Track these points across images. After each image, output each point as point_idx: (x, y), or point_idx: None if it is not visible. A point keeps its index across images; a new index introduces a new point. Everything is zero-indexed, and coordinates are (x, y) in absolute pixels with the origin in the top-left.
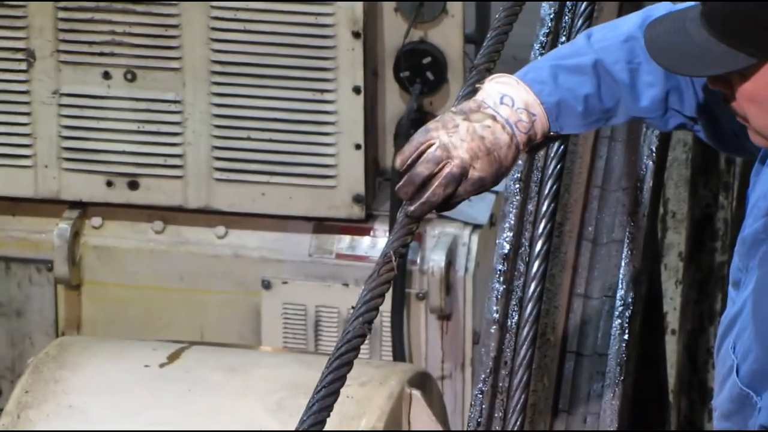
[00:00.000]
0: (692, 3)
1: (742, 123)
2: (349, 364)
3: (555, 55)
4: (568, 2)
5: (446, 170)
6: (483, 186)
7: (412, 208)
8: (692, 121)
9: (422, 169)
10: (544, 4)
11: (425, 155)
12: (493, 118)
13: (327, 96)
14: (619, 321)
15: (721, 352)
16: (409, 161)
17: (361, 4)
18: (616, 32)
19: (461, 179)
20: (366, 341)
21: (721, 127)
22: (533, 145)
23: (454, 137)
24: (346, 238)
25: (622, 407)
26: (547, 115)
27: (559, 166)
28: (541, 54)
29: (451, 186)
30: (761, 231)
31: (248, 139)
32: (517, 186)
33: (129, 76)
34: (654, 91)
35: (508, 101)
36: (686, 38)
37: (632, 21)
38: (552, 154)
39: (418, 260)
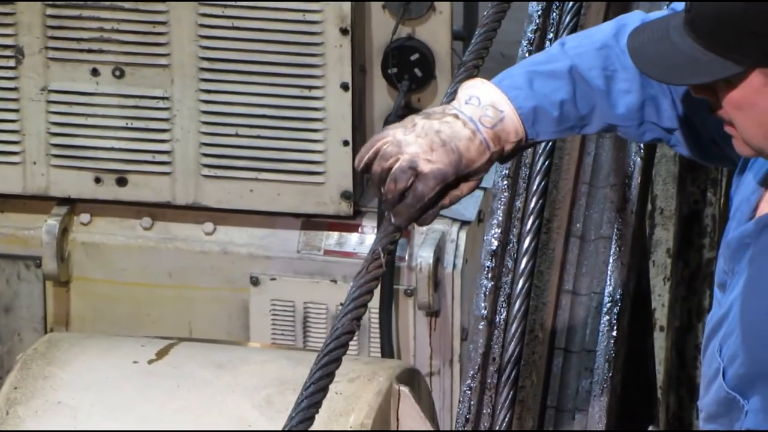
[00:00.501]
0: (667, 12)
1: (729, 131)
2: (337, 361)
3: (529, 62)
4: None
5: (395, 165)
6: (444, 178)
7: (385, 209)
8: (669, 133)
9: (375, 167)
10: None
11: (379, 153)
12: (455, 116)
13: (315, 92)
14: (608, 317)
15: (707, 354)
16: (365, 159)
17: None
18: (591, 40)
19: (412, 174)
20: (354, 338)
21: (701, 136)
22: (509, 152)
23: (409, 135)
24: (335, 235)
25: (610, 404)
26: (522, 121)
27: (547, 163)
28: (529, 51)
29: (402, 180)
30: (747, 235)
31: (236, 135)
32: (505, 182)
33: (117, 73)
34: (630, 99)
35: (474, 101)
36: (671, 47)
37: (606, 30)
38: (540, 151)
39: (407, 257)
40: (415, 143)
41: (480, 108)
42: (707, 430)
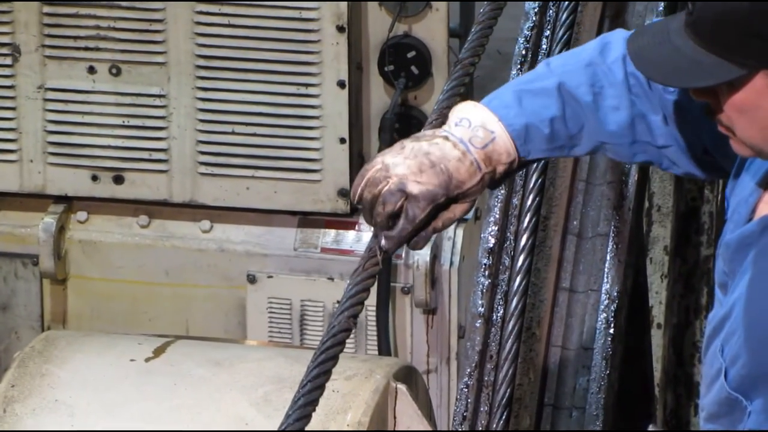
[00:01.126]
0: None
1: (726, 134)
2: (334, 359)
3: (517, 81)
4: None
5: (384, 189)
6: (434, 198)
7: (373, 234)
8: (661, 151)
9: (366, 194)
10: None
11: (369, 180)
12: (445, 137)
13: (311, 90)
14: (605, 315)
15: (708, 353)
16: (358, 190)
17: None
18: (576, 58)
19: (401, 196)
20: (351, 335)
21: (695, 149)
22: (501, 173)
23: (397, 157)
24: (331, 232)
25: (607, 401)
26: (513, 139)
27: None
28: (526, 48)
29: (390, 203)
30: (748, 236)
31: (233, 133)
32: None
33: (114, 71)
34: (619, 116)
35: (465, 123)
36: (673, 49)
37: (591, 47)
38: None
39: (403, 254)
40: (402, 164)
41: (470, 129)
42: (708, 430)
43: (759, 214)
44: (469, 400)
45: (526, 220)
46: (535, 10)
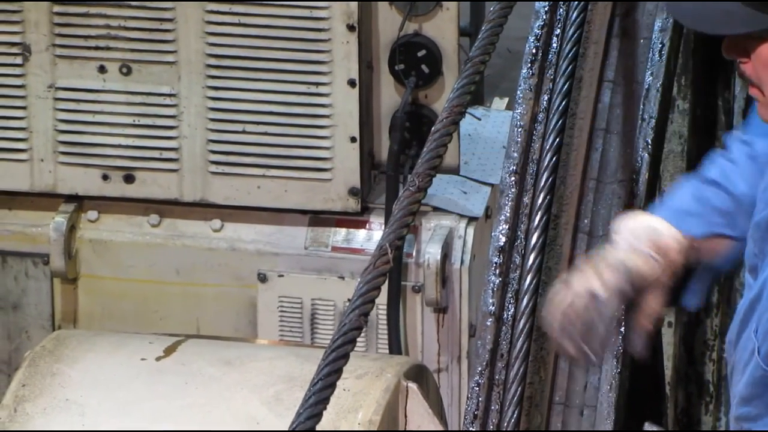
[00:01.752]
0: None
1: (753, 95)
2: (345, 357)
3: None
4: None
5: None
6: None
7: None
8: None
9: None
10: None
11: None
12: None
13: (322, 89)
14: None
15: (741, 339)
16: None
17: None
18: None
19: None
20: (362, 334)
21: None
22: (682, 262)
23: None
24: (342, 231)
25: (618, 400)
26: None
27: (554, 159)
28: (536, 47)
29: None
30: None
31: (243, 132)
32: (513, 179)
33: (124, 70)
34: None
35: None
36: (708, 1)
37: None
38: (547, 147)
39: (414, 253)
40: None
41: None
42: (739, 415)
43: None
44: (480, 399)
45: (537, 218)
46: (546, 8)
